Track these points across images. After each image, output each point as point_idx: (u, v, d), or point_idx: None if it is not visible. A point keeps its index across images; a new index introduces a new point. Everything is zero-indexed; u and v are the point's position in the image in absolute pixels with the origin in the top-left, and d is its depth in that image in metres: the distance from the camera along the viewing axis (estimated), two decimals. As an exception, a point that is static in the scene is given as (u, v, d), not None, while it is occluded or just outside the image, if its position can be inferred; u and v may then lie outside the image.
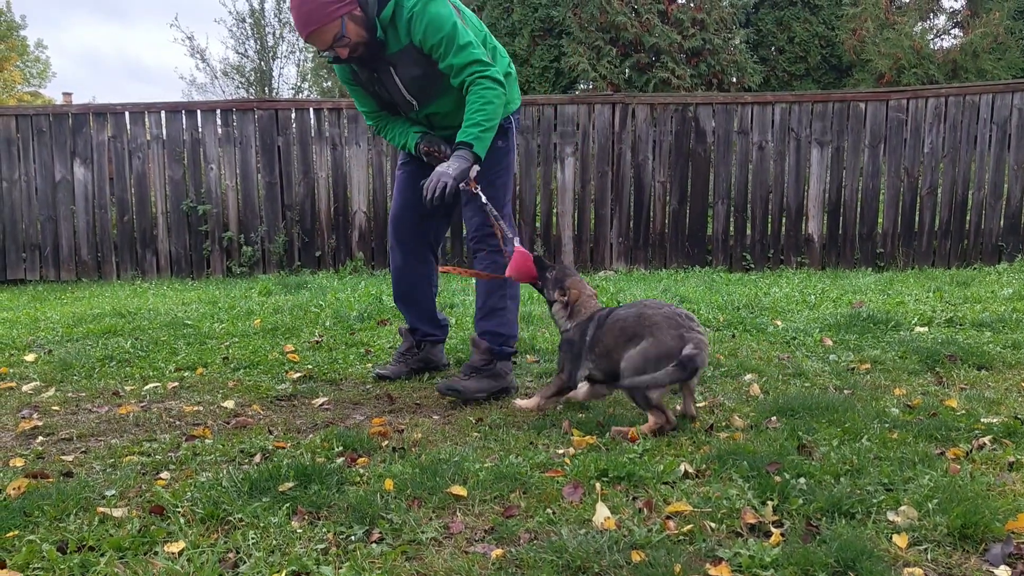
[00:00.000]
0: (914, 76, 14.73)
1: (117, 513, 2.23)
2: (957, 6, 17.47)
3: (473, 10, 15.81)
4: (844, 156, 8.18)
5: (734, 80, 16.16)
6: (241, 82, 23.05)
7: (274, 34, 22.58)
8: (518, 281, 3.48)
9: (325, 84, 21.15)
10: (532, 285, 3.38)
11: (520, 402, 3.32)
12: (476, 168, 3.28)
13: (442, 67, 3.27)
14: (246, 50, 22.69)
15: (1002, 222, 8.05)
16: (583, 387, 3.22)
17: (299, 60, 23.24)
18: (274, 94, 22.54)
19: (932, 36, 17.22)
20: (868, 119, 8.09)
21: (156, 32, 75.40)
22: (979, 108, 7.97)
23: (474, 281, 3.63)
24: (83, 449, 2.87)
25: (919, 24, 16.48)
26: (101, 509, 2.25)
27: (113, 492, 2.40)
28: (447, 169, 3.21)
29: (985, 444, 2.68)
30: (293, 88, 23.41)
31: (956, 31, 17.48)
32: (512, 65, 3.64)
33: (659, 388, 2.84)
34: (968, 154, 8.01)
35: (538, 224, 8.43)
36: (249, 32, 22.35)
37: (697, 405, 3.29)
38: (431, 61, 3.29)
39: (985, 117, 7.96)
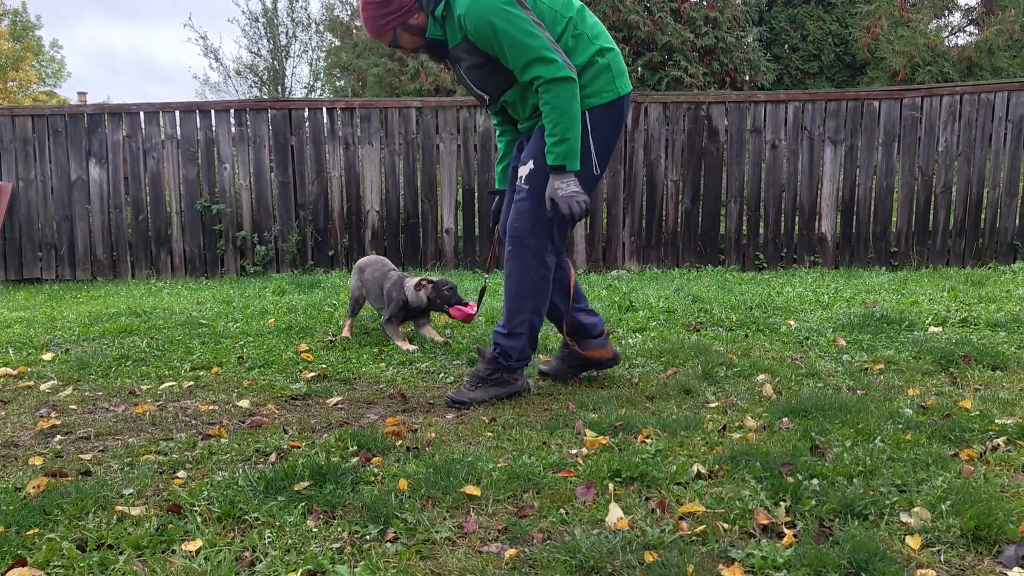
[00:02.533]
0: (928, 74, 14.65)
1: (135, 512, 2.25)
2: (972, 3, 17.34)
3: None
4: (858, 155, 8.15)
5: (747, 78, 16.10)
6: (254, 81, 23.17)
7: (287, 33, 22.69)
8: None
9: (338, 83, 21.20)
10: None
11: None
12: (528, 167, 3.30)
13: (506, 64, 3.18)
14: (259, 49, 22.80)
15: (1017, 221, 8.01)
16: None
17: (312, 59, 23.34)
18: (287, 93, 22.64)
19: (947, 33, 17.11)
20: (882, 117, 8.06)
21: (169, 32, 75.77)
22: (994, 106, 7.92)
23: (502, 292, 3.59)
24: (101, 448, 2.90)
25: (934, 21, 16.38)
26: (119, 508, 2.27)
27: (131, 491, 2.42)
28: (565, 191, 3.13)
29: (999, 445, 2.67)
30: (306, 87, 23.50)
31: (971, 28, 17.36)
32: (605, 52, 3.28)
33: None
34: (983, 152, 7.97)
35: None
36: (262, 31, 22.46)
37: (710, 405, 3.30)
38: (493, 57, 3.20)
39: (1000, 115, 7.91)
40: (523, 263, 3.36)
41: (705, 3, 15.85)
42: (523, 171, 3.33)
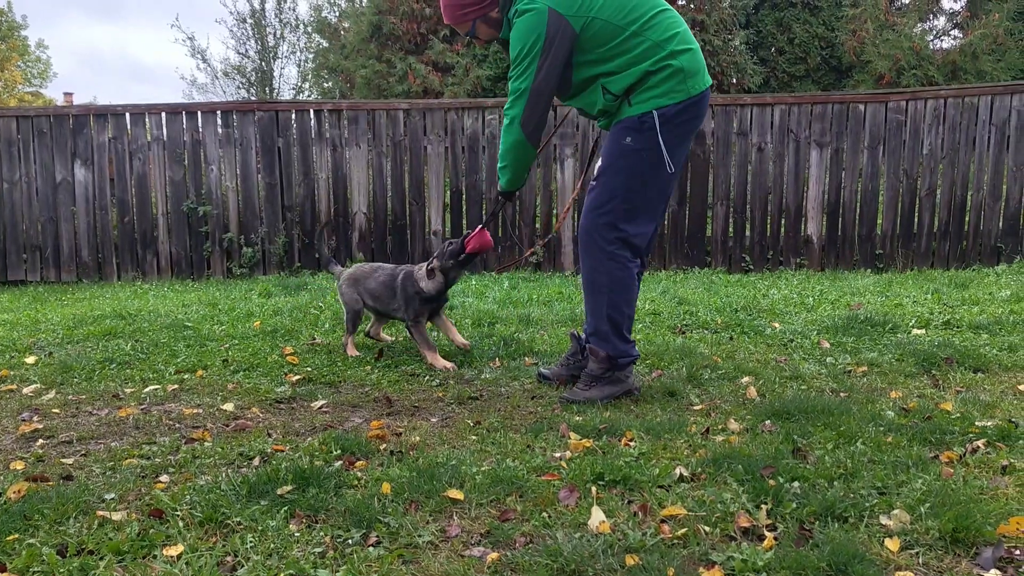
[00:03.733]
0: (914, 77, 14.75)
1: (116, 516, 2.25)
2: (957, 7, 17.49)
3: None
4: (843, 157, 8.19)
5: (734, 81, 16.17)
6: (242, 82, 23.10)
7: (275, 34, 22.64)
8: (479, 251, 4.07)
9: (326, 85, 21.17)
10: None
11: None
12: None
13: None
14: (247, 50, 22.73)
15: (1001, 223, 8.06)
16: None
17: (300, 60, 23.30)
18: (275, 94, 22.58)
19: (931, 37, 17.24)
20: (867, 120, 8.11)
21: (154, 32, 75.46)
22: (978, 109, 7.98)
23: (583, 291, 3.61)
24: (83, 452, 2.89)
25: (919, 25, 16.50)
26: (101, 512, 2.26)
27: (113, 495, 2.42)
28: None
29: (979, 448, 2.70)
30: (294, 88, 23.46)
31: (955, 32, 17.49)
32: (679, 55, 3.31)
33: None
34: (967, 155, 8.03)
35: (538, 225, 8.44)
36: (250, 32, 22.40)
37: (694, 407, 3.32)
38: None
39: (984, 118, 7.97)
40: (593, 259, 3.45)
41: (692, 6, 15.92)
42: (598, 169, 3.44)
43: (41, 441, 3.02)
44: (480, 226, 4.01)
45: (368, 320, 4.71)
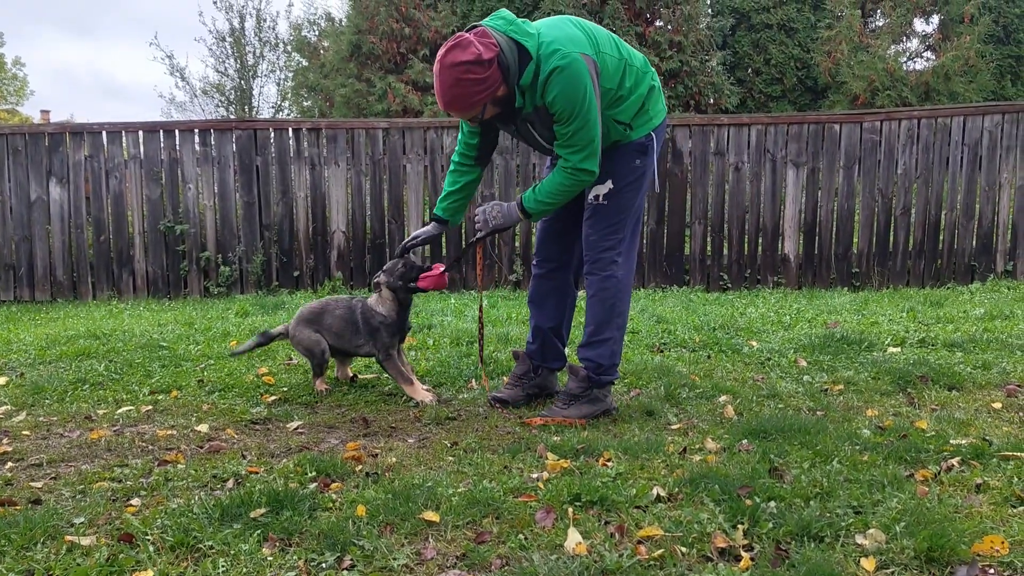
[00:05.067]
0: (888, 98, 14.96)
1: (85, 542, 2.21)
2: (929, 29, 17.78)
3: (454, 29, 15.91)
4: (819, 177, 8.28)
5: (711, 101, 16.33)
6: (221, 101, 23.03)
7: (254, 53, 22.60)
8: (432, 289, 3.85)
9: (305, 103, 21.15)
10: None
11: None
12: (607, 187, 3.42)
13: (557, 131, 3.24)
14: (226, 69, 22.68)
15: (974, 242, 8.17)
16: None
17: (279, 79, 23.27)
18: (254, 113, 22.53)
19: (905, 59, 17.51)
20: (843, 141, 8.20)
21: (130, 50, 75.19)
22: (951, 130, 8.10)
23: (584, 307, 3.61)
24: (53, 475, 2.84)
25: (892, 47, 16.75)
26: (69, 538, 2.22)
27: (82, 520, 2.37)
28: (495, 214, 3.49)
29: (953, 466, 2.71)
30: (273, 107, 23.41)
31: (928, 54, 17.78)
32: (655, 78, 3.52)
33: None
34: (940, 175, 8.14)
35: (518, 244, 8.45)
36: (229, 51, 22.36)
37: (672, 427, 3.32)
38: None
39: (957, 139, 8.09)
40: (607, 274, 3.48)
41: (670, 27, 16.08)
42: (601, 190, 3.43)
43: (10, 464, 2.96)
44: (444, 268, 3.84)
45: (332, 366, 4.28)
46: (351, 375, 4.28)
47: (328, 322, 3.99)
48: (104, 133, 8.35)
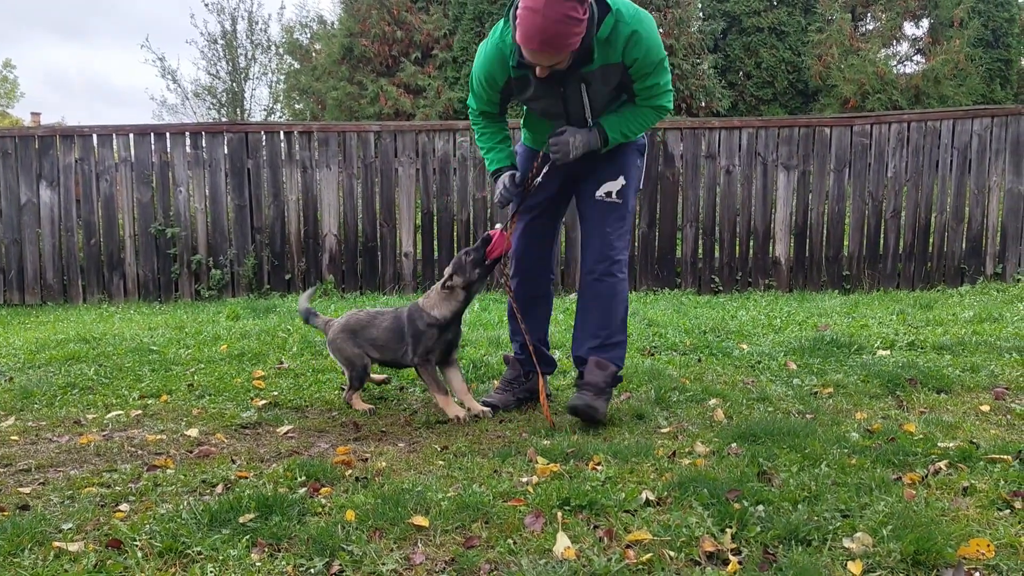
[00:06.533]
0: (878, 101, 15.02)
1: (73, 547, 2.20)
2: (919, 33, 17.86)
3: (446, 32, 15.93)
4: (810, 180, 8.30)
5: (703, 104, 16.37)
6: (213, 103, 22.97)
7: (246, 55, 22.56)
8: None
9: (297, 106, 21.12)
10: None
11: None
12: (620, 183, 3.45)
13: (638, 87, 3.25)
14: (218, 71, 22.63)
15: (964, 245, 8.21)
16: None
17: (271, 82, 23.24)
18: (246, 116, 22.48)
19: (895, 62, 17.59)
20: (833, 144, 8.23)
21: (122, 53, 74.98)
22: (940, 133, 8.13)
23: (586, 307, 3.60)
24: (41, 481, 2.83)
25: (883, 51, 16.83)
26: (57, 543, 2.22)
27: (70, 525, 2.37)
28: (578, 142, 3.29)
29: (941, 469, 2.73)
30: (265, 110, 23.36)
31: (918, 58, 17.87)
32: None
33: None
34: (930, 178, 8.17)
35: (509, 247, 8.45)
36: (221, 53, 22.31)
37: (662, 430, 3.33)
38: (624, 80, 3.24)
39: (946, 142, 8.13)
40: (621, 275, 3.51)
41: (661, 30, 16.11)
42: (613, 187, 3.44)
43: (-2, 469, 2.95)
44: (501, 227, 3.64)
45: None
46: (376, 377, 4.17)
47: (373, 335, 3.78)
48: (95, 136, 8.33)
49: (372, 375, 4.05)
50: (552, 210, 3.66)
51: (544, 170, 3.49)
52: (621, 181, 3.44)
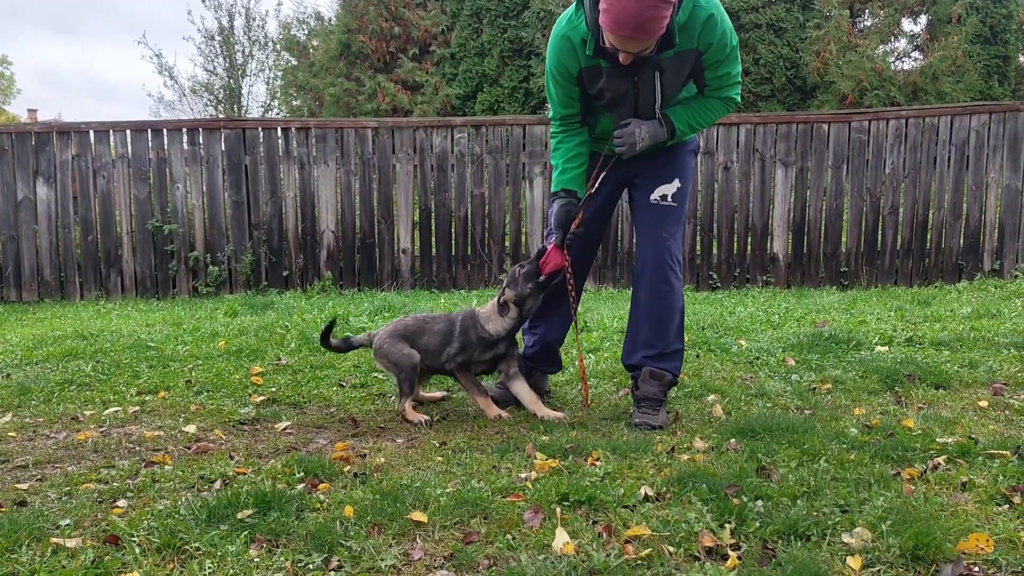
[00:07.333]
0: (876, 98, 15.00)
1: (71, 544, 2.19)
2: (917, 30, 17.84)
3: (444, 28, 15.90)
4: (808, 176, 8.31)
5: (701, 100, 16.32)
6: (210, 100, 22.91)
7: (243, 52, 22.49)
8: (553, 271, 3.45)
9: (294, 102, 21.08)
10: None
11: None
12: (675, 186, 3.42)
13: (710, 75, 3.21)
14: (215, 68, 22.57)
15: (962, 241, 8.21)
16: None
17: (268, 78, 23.17)
18: (243, 112, 22.43)
19: (893, 59, 17.57)
20: (831, 140, 8.23)
21: (116, 49, 74.81)
22: (938, 129, 8.14)
23: (641, 312, 3.52)
24: (39, 477, 2.82)
25: (880, 47, 16.81)
26: (54, 540, 2.21)
27: (68, 521, 2.36)
28: (645, 135, 3.23)
29: (939, 464, 2.72)
30: (262, 106, 23.30)
31: (916, 54, 17.85)
32: None
33: None
34: (928, 175, 8.18)
35: (507, 243, 8.45)
36: (218, 50, 22.25)
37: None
38: (696, 68, 3.19)
39: (944, 138, 8.13)
40: (677, 281, 3.43)
41: (660, 26, 16.07)
42: (668, 189, 3.39)
43: (-5, 466, 2.94)
44: (551, 242, 3.43)
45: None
46: (425, 396, 3.91)
47: (424, 341, 3.63)
48: (92, 132, 8.31)
49: (428, 393, 3.91)
50: (600, 218, 3.60)
51: (602, 176, 3.41)
52: (676, 184, 3.39)
